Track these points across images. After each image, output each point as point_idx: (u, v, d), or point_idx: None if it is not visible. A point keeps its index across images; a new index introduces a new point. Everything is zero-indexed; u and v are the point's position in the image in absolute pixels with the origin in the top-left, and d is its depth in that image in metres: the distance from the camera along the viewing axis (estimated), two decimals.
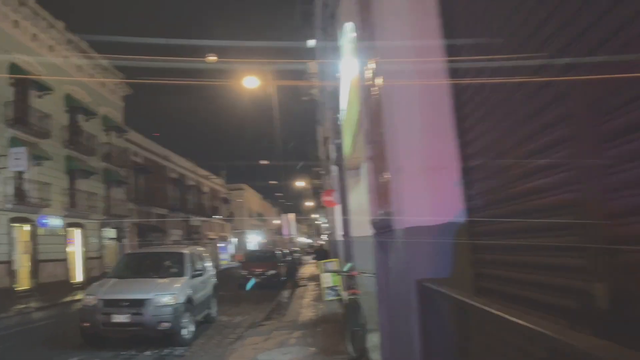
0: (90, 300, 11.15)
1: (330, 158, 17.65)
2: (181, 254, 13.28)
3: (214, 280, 15.21)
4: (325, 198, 17.17)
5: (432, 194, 3.57)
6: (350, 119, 8.57)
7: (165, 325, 10.76)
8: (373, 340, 8.69)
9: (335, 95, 11.33)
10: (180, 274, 12.56)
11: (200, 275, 13.11)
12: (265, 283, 24.23)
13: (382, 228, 4.68)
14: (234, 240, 70.40)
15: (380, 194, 4.92)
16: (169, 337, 11.00)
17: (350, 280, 9.41)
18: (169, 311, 10.88)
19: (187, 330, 11.43)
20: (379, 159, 4.86)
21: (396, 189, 3.85)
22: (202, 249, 16.07)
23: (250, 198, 78.28)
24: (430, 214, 3.52)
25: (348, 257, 11.80)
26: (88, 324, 10.95)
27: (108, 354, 10.41)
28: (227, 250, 64.79)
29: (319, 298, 18.08)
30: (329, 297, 16.99)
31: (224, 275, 30.75)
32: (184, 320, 11.27)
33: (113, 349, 10.83)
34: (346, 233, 12.49)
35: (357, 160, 9.19)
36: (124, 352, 10.61)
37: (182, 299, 11.37)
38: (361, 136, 7.25)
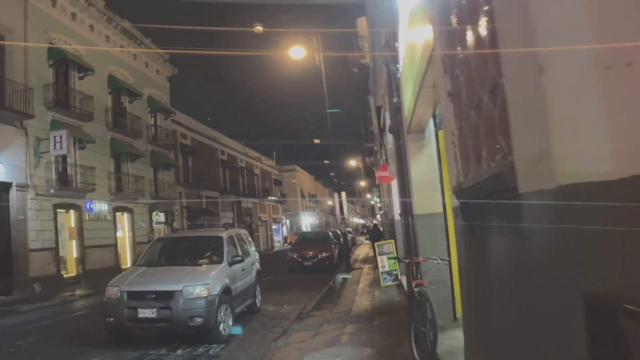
0: (114, 292, 9.72)
1: (384, 128, 15.73)
2: (219, 238, 11.73)
3: (257, 266, 13.65)
4: (380, 174, 15.33)
5: (612, 117, 1.68)
6: (412, 65, 6.66)
7: (198, 320, 9.23)
8: (446, 343, 6.84)
9: (390, 44, 9.42)
10: (217, 260, 11.04)
11: (240, 261, 11.50)
12: (318, 267, 22.61)
13: (482, 194, 2.81)
14: (287, 222, 69.42)
15: (475, 138, 3.05)
16: (204, 334, 9.48)
17: (414, 268, 7.57)
18: (201, 304, 9.35)
19: (225, 324, 9.88)
20: (471, 82, 2.99)
21: (526, 110, 1.99)
22: (244, 231, 14.48)
23: (302, 179, 77.03)
24: (611, 159, 1.64)
25: (408, 239, 9.97)
26: (112, 319, 9.54)
27: (134, 354, 8.97)
28: (280, 232, 63.85)
29: (374, 283, 16.31)
30: (386, 282, 15.17)
31: (276, 258, 29.40)
32: (220, 314, 9.71)
33: (140, 347, 9.39)
34: (405, 211, 10.65)
35: (421, 118, 7.29)
36: (152, 350, 9.16)
37: (217, 289, 9.81)
38: (431, 76, 5.34)
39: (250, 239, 14.33)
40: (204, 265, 10.76)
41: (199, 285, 9.65)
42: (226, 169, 47.73)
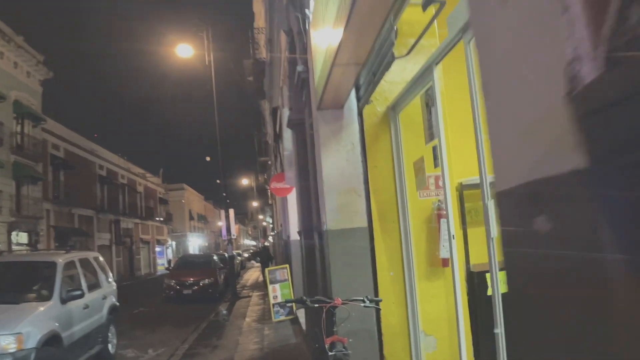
0: None
1: (281, 131, 13.01)
2: (51, 264, 8.34)
3: (112, 300, 10.29)
4: (275, 185, 12.60)
5: None
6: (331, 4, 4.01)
7: None
8: None
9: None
10: (45, 296, 7.67)
11: (80, 296, 8.15)
12: (199, 295, 19.21)
13: None
14: (173, 244, 64.51)
15: None
16: None
17: (325, 315, 4.79)
18: None
19: None
20: None
21: None
22: (95, 254, 11.01)
23: (191, 198, 72.44)
24: None
25: (311, 266, 7.27)
26: None
27: None
28: (165, 255, 58.88)
29: (264, 316, 13.37)
30: (279, 316, 12.30)
31: (157, 283, 25.40)
32: None
33: None
34: (308, 227, 7.92)
35: (340, 85, 4.64)
36: None
37: (36, 339, 6.52)
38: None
39: (103, 264, 10.90)
40: (22, 304, 7.36)
41: (3, 335, 6.31)
42: (105, 185, 42.75)
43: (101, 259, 11.14)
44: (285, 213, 15.16)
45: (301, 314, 11.30)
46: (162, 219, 58.74)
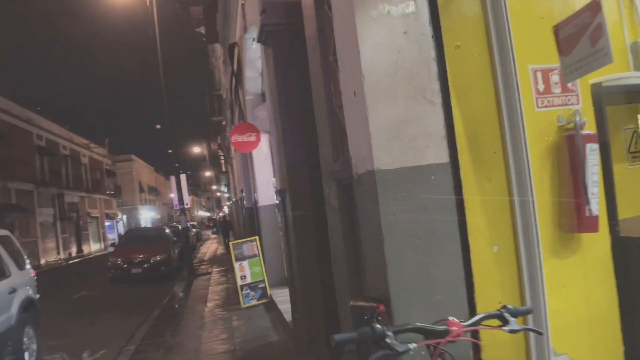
0: None
1: (241, 71, 10.21)
2: None
3: (28, 294, 7.48)
4: (237, 139, 9.84)
5: None
6: None
7: None
8: None
9: None
10: None
11: None
12: (150, 274, 16.33)
13: None
14: (124, 217, 60.55)
15: None
16: None
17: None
18: None
19: None
20: None
21: None
22: (3, 233, 8.07)
23: (140, 170, 68.10)
24: None
25: (320, 236, 4.68)
26: None
27: None
28: (116, 230, 55.01)
29: (230, 300, 10.76)
30: (249, 301, 9.70)
31: (104, 260, 22.19)
32: None
33: None
34: (304, 175, 5.35)
35: None
36: None
37: None
38: None
39: (14, 246, 8.00)
40: None
41: None
42: (45, 157, 38.61)
43: (13, 239, 8.23)
44: (249, 175, 12.45)
45: (280, 296, 8.73)
46: (111, 192, 54.70)
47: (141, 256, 16.50)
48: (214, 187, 58.58)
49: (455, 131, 2.72)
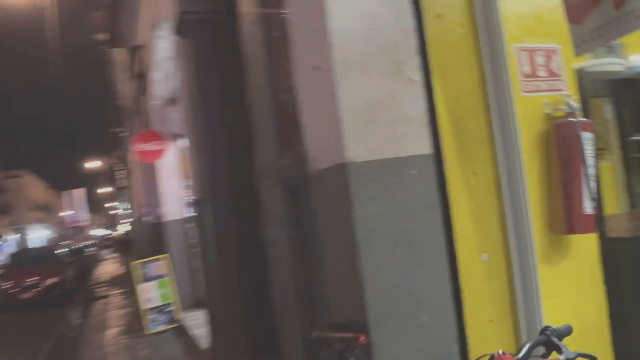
0: None
1: (147, 71, 9.35)
2: None
3: None
4: (141, 147, 8.94)
5: None
6: None
7: None
8: None
9: None
10: None
11: None
12: (41, 299, 14.64)
13: None
14: (16, 237, 55.53)
15: None
16: None
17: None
18: None
19: None
20: None
21: None
22: None
23: (32, 186, 63.10)
24: None
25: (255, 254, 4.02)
26: None
27: None
28: (4, 250, 50.22)
29: (134, 325, 9.72)
30: (157, 326, 8.78)
31: None
32: None
33: None
34: (223, 186, 4.68)
35: None
36: None
37: None
38: None
39: None
40: None
41: None
42: None
43: None
44: (155, 188, 11.47)
45: (193, 320, 7.89)
46: None
47: (31, 279, 14.77)
48: (114, 203, 55.31)
49: (438, 117, 2.24)
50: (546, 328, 1.52)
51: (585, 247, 2.56)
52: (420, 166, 2.17)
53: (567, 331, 1.57)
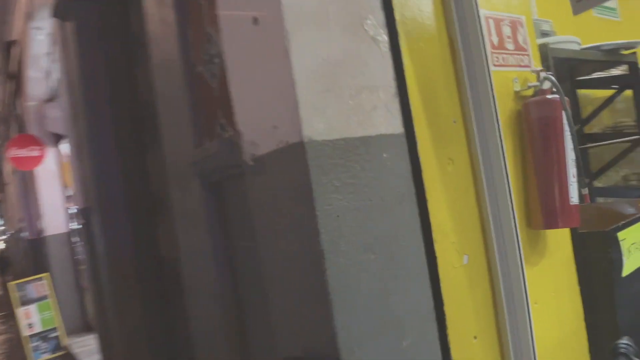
0: None
1: (21, 71, 8.22)
2: None
3: None
4: (15, 154, 7.79)
5: None
6: None
7: None
8: None
9: None
10: None
11: None
12: None
13: None
14: None
15: None
16: None
17: None
18: None
19: None
20: None
21: None
22: None
23: None
24: None
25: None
26: None
27: None
28: None
29: (15, 355, 8.43)
30: (40, 355, 7.61)
31: None
32: None
33: None
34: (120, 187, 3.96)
35: None
36: None
37: None
38: None
39: None
40: None
41: None
42: None
43: None
44: (32, 199, 10.14)
45: (82, 346, 6.89)
46: None
47: None
48: None
49: (408, 87, 1.78)
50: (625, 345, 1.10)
51: (561, 244, 2.22)
52: (391, 148, 1.69)
53: None
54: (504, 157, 1.89)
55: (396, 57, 1.77)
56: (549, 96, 2.04)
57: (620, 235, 2.28)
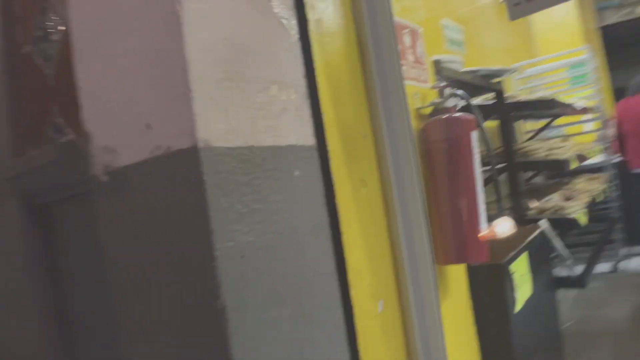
0: None
1: None
2: None
3: None
4: None
5: None
6: None
7: None
8: None
9: None
10: None
11: None
12: None
13: None
14: None
15: None
16: None
17: None
18: None
19: None
20: None
21: None
22: None
23: None
24: None
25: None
26: None
27: None
28: None
29: None
30: None
31: None
32: None
33: None
34: None
35: None
36: None
37: None
38: None
39: None
40: None
41: None
42: None
43: None
44: None
45: None
46: None
47: None
48: None
49: (320, 90, 1.42)
50: None
51: (459, 280, 2.02)
52: (304, 165, 1.30)
53: None
54: (417, 183, 1.61)
55: (306, 44, 1.40)
56: (457, 114, 1.83)
57: (512, 267, 2.15)
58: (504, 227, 2.36)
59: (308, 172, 1.31)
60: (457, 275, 1.97)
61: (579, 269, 3.39)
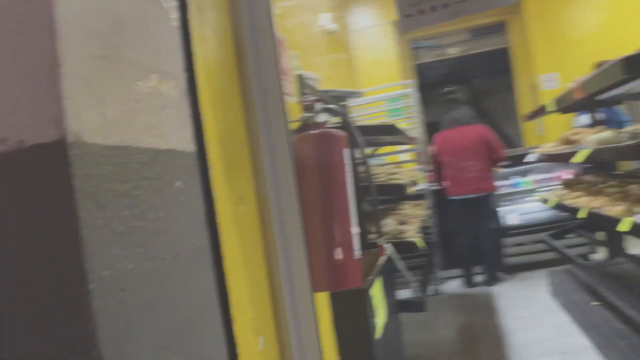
0: None
1: None
2: None
3: None
4: None
5: None
6: None
7: None
8: None
9: None
10: None
11: None
12: None
13: None
14: None
15: None
16: None
17: None
18: None
19: None
20: None
21: None
22: None
23: None
24: None
25: None
26: None
27: None
28: None
29: None
30: None
31: None
32: None
33: None
34: None
35: None
36: None
37: None
38: None
39: None
40: None
41: None
42: None
43: None
44: None
45: None
46: None
47: None
48: None
49: (200, 87, 1.21)
50: None
51: (324, 305, 1.91)
52: (184, 175, 1.08)
53: None
54: (298, 200, 1.48)
55: (185, 29, 1.19)
56: (328, 130, 1.74)
57: (372, 292, 2.11)
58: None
59: (189, 183, 1.09)
60: (322, 302, 1.86)
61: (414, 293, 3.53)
